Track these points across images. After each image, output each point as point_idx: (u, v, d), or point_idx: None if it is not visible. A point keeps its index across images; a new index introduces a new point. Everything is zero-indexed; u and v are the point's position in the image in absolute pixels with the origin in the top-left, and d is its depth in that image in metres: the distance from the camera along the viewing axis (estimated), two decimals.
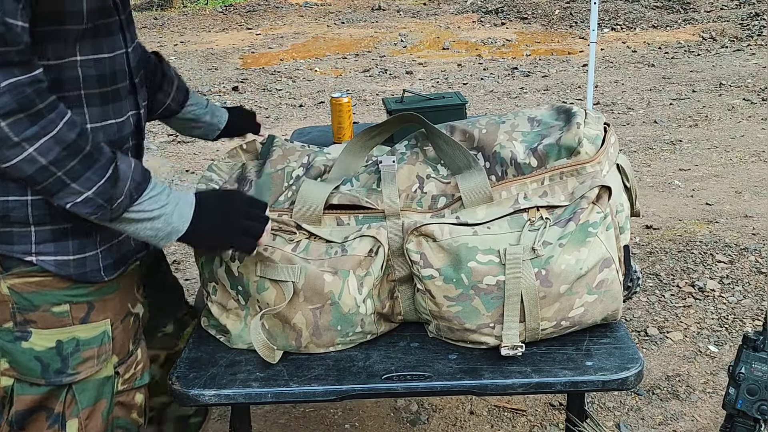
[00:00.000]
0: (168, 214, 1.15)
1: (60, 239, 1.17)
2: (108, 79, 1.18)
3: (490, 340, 1.35)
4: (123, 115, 1.23)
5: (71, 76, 1.13)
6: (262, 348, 1.34)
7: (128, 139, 1.25)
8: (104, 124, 1.18)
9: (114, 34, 1.19)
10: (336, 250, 1.34)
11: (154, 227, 1.14)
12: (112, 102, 1.20)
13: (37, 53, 1.07)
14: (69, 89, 1.13)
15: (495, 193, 1.36)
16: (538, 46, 7.90)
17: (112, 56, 1.19)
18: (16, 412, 1.22)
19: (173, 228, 1.16)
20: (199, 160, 4.71)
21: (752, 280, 2.96)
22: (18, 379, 1.21)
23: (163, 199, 1.15)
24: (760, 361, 1.43)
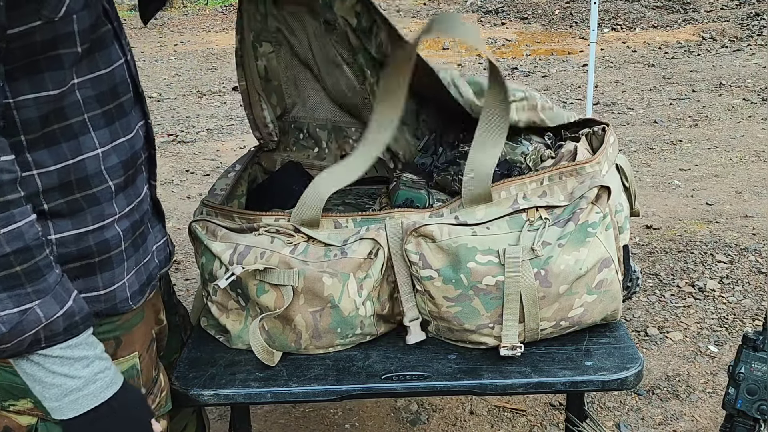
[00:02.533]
0: (69, 389, 1.01)
1: (89, 275, 1.09)
2: (109, 95, 1.08)
3: (489, 341, 1.35)
4: (132, 130, 1.13)
5: (72, 101, 1.02)
6: (261, 352, 1.34)
7: (140, 153, 1.16)
8: (115, 144, 1.08)
9: (108, 46, 1.08)
10: (335, 252, 1.33)
11: (47, 391, 1.01)
12: (118, 119, 1.10)
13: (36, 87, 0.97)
14: (73, 116, 1.02)
15: (494, 193, 1.36)
16: (538, 46, 7.90)
17: (110, 70, 1.08)
18: None
19: (57, 407, 1.02)
20: (199, 160, 4.71)
21: (752, 280, 2.96)
22: (42, 419, 1.13)
23: (77, 370, 1.01)
24: (760, 360, 1.43)
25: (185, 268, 3.23)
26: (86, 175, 1.05)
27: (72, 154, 1.03)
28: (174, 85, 6.73)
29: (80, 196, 1.05)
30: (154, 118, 5.72)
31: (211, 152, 4.84)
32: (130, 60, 1.15)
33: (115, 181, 1.09)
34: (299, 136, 1.91)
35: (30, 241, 0.94)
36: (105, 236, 1.08)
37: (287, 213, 1.39)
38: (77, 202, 1.05)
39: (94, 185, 1.06)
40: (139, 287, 1.17)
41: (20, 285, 0.94)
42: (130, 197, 1.13)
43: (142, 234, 1.18)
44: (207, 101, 6.30)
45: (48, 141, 1.00)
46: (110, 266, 1.11)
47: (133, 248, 1.15)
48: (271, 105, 1.85)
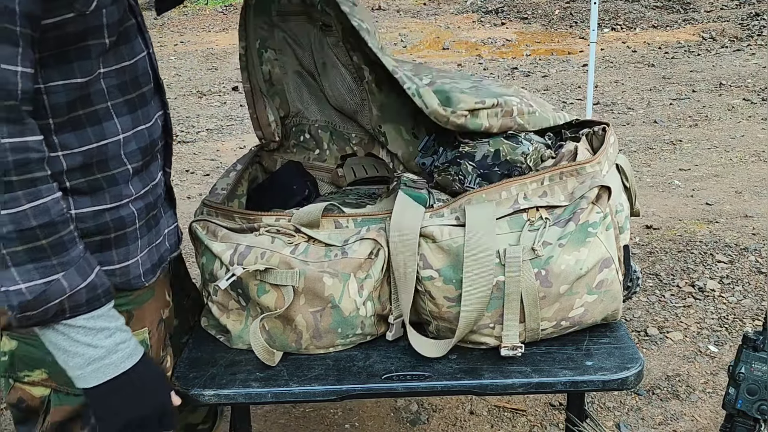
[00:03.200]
0: (91, 358, 1.06)
1: (105, 249, 1.15)
2: (131, 85, 1.15)
3: (490, 341, 1.35)
4: (151, 119, 1.20)
5: (97, 89, 1.09)
6: (262, 352, 1.34)
7: (158, 141, 1.23)
8: (135, 131, 1.15)
9: (133, 39, 1.16)
10: (336, 253, 1.33)
11: (70, 360, 1.06)
12: (140, 108, 1.17)
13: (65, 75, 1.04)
14: (98, 103, 1.09)
15: (495, 193, 1.36)
16: (538, 46, 7.90)
17: (133, 62, 1.15)
18: (51, 423, 1.19)
19: (80, 375, 1.07)
20: (199, 160, 4.71)
21: (752, 280, 2.96)
22: (55, 389, 1.17)
23: (100, 340, 1.06)
24: (760, 361, 1.44)
25: None
26: (107, 158, 1.11)
27: (96, 138, 1.09)
28: (174, 85, 6.73)
29: (100, 177, 1.11)
30: None
31: (211, 152, 4.84)
32: (151, 53, 1.22)
33: (133, 164, 1.15)
34: (300, 137, 1.91)
35: (55, 216, 0.99)
36: (121, 214, 1.15)
37: (288, 213, 1.39)
38: (97, 182, 1.11)
39: (114, 167, 1.12)
40: (151, 266, 1.23)
41: (46, 257, 0.99)
42: (146, 181, 1.20)
43: (155, 216, 1.24)
44: (207, 101, 6.30)
45: (74, 125, 1.07)
46: (125, 242, 1.16)
47: (146, 228, 1.21)
48: (275, 106, 1.86)
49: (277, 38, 1.81)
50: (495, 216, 1.31)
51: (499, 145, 1.56)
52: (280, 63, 1.83)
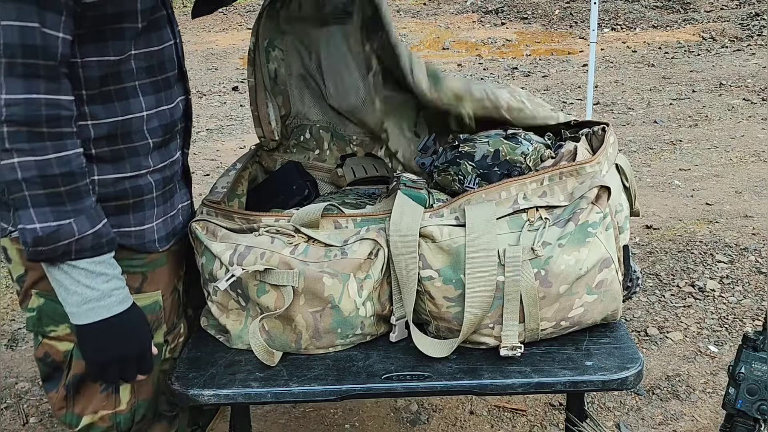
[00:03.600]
0: (87, 298, 1.17)
1: (121, 213, 1.27)
2: (157, 69, 1.27)
3: (489, 341, 1.35)
4: (173, 101, 1.33)
5: (127, 68, 1.22)
6: (261, 352, 1.34)
7: (178, 122, 1.36)
8: (158, 110, 1.28)
9: (162, 28, 1.28)
10: (335, 253, 1.33)
11: (69, 297, 1.17)
12: (164, 90, 1.29)
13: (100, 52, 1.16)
14: (127, 81, 1.22)
15: (495, 193, 1.36)
16: (538, 46, 7.90)
17: (161, 48, 1.27)
18: (73, 376, 1.32)
19: (76, 312, 1.18)
20: (199, 160, 4.70)
21: (752, 280, 2.96)
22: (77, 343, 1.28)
23: (98, 284, 1.17)
24: (760, 360, 1.43)
25: None
26: (131, 131, 1.24)
27: (122, 112, 1.23)
28: None
29: (123, 147, 1.24)
30: None
31: (211, 152, 4.84)
32: (178, 43, 1.35)
33: (153, 139, 1.29)
34: (300, 137, 1.91)
35: (75, 168, 1.12)
36: (139, 183, 1.28)
37: (287, 213, 1.39)
38: (120, 152, 1.24)
39: (136, 140, 1.26)
40: (166, 234, 1.36)
41: (62, 203, 1.12)
42: (164, 156, 1.33)
43: (171, 190, 1.37)
44: (207, 101, 6.30)
45: (104, 98, 1.20)
46: (142, 209, 1.30)
47: (162, 199, 1.34)
48: (277, 104, 1.87)
49: (286, 40, 1.84)
50: (495, 216, 1.31)
51: (498, 145, 1.56)
52: (286, 63, 1.86)
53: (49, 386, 1.35)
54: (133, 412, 1.36)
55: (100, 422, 1.34)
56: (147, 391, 1.37)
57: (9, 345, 2.66)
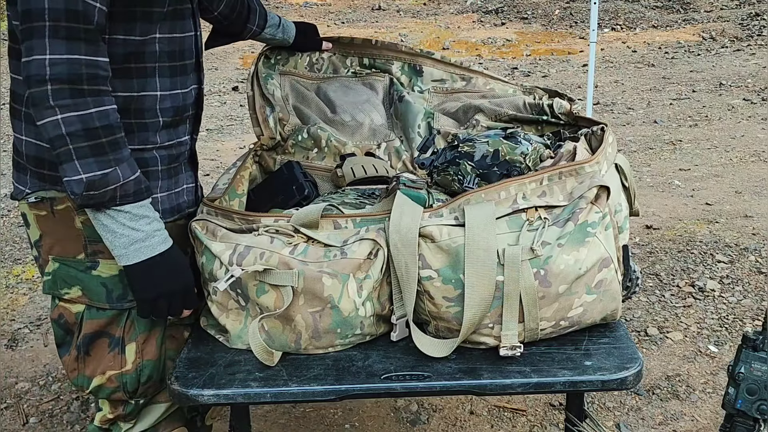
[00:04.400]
0: (134, 239, 1.27)
1: None
2: (177, 55, 1.37)
3: (489, 341, 1.35)
4: (187, 87, 1.42)
5: (151, 50, 1.31)
6: (261, 352, 1.34)
7: (189, 108, 1.45)
8: (172, 93, 1.38)
9: (186, 19, 1.38)
10: (335, 253, 1.33)
11: (117, 240, 1.27)
12: (180, 75, 1.39)
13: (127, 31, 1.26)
14: (148, 61, 1.32)
15: (494, 193, 1.36)
16: (538, 46, 7.90)
17: (183, 36, 1.38)
18: (84, 336, 1.40)
19: (124, 254, 1.28)
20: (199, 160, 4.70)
21: (752, 280, 2.96)
22: (87, 305, 1.39)
23: (141, 225, 1.27)
24: (760, 360, 1.43)
25: None
26: (143, 107, 1.33)
27: (138, 89, 1.32)
28: None
29: (133, 122, 1.32)
30: None
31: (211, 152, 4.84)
32: (198, 35, 1.45)
33: (164, 119, 1.37)
34: (298, 137, 1.91)
35: (113, 122, 1.22)
36: (145, 156, 1.35)
37: (287, 213, 1.39)
38: (130, 126, 1.31)
39: (148, 117, 1.35)
40: (170, 208, 1.44)
41: (104, 153, 1.21)
42: (172, 136, 1.41)
43: (176, 169, 1.45)
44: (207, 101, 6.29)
45: (124, 73, 1.29)
46: (147, 179, 1.32)
47: (167, 174, 1.42)
48: (274, 109, 1.88)
49: (282, 81, 1.95)
50: (494, 216, 1.31)
51: (498, 146, 1.56)
52: (283, 93, 1.94)
53: (62, 351, 1.45)
54: (138, 372, 1.43)
55: (108, 383, 1.42)
56: (151, 353, 1.43)
57: (9, 345, 2.66)
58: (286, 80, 1.96)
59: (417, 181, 1.53)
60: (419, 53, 1.99)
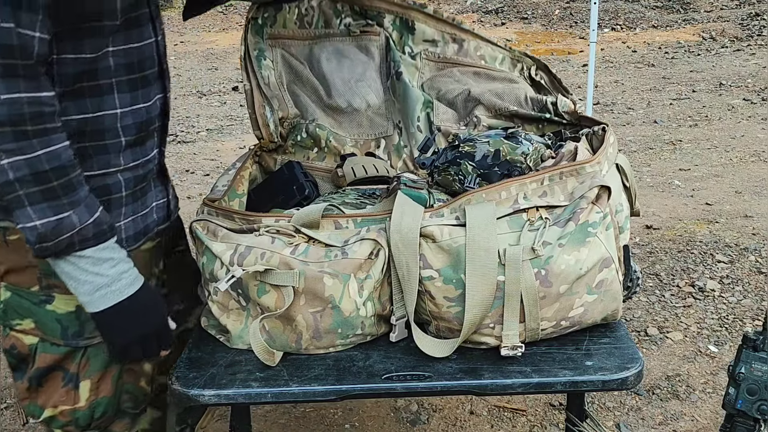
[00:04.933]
0: (98, 285, 1.19)
1: None
2: (136, 66, 1.26)
3: (490, 341, 1.35)
4: (151, 99, 1.31)
5: (105, 66, 1.21)
6: (262, 352, 1.34)
7: (155, 120, 1.34)
8: (133, 108, 1.27)
9: (143, 25, 1.27)
10: (336, 253, 1.33)
11: (80, 287, 1.19)
12: (141, 88, 1.28)
13: (77, 49, 1.15)
14: (103, 78, 1.21)
15: (495, 193, 1.36)
16: (538, 46, 7.90)
17: (141, 46, 1.26)
18: (36, 369, 1.33)
19: (89, 300, 1.21)
20: (198, 160, 4.70)
21: (752, 280, 2.96)
22: (41, 338, 1.31)
23: (105, 270, 1.19)
24: (760, 361, 1.43)
25: None
26: (102, 128, 1.23)
27: (94, 109, 1.21)
28: (174, 85, 6.74)
29: (89, 145, 1.22)
30: None
31: (211, 152, 4.84)
32: (159, 41, 1.33)
33: (126, 138, 1.27)
34: (297, 137, 1.91)
35: (65, 161, 1.12)
36: (107, 182, 1.26)
37: (288, 214, 1.39)
38: (86, 150, 1.22)
39: (108, 138, 1.24)
40: (134, 234, 1.34)
41: (57, 197, 1.12)
42: (138, 155, 1.31)
43: (144, 189, 1.35)
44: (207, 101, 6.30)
45: (76, 95, 1.19)
46: (108, 209, 1.26)
47: (132, 198, 1.32)
48: (274, 108, 1.87)
49: (273, 53, 1.88)
50: (495, 216, 1.31)
51: (499, 145, 1.56)
52: (276, 72, 1.88)
53: (17, 376, 1.37)
54: (92, 409, 1.36)
55: (60, 416, 1.36)
56: (107, 390, 1.37)
57: None
58: (277, 53, 1.89)
59: (418, 181, 1.53)
60: (411, 6, 1.91)
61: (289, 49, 1.90)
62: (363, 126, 1.93)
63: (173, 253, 1.56)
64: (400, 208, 1.34)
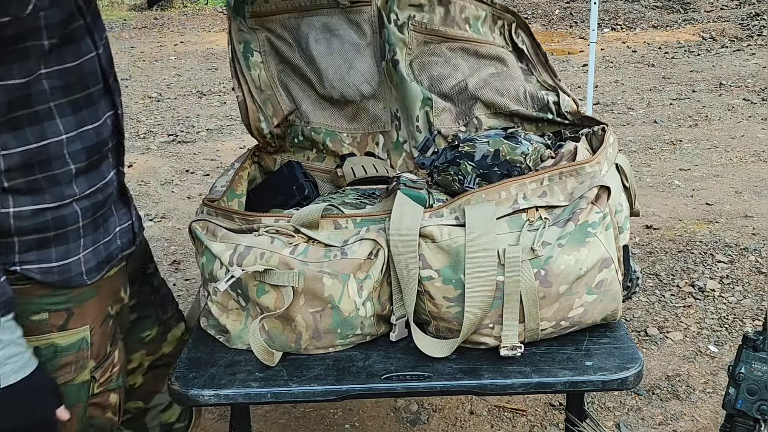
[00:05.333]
0: None
1: (43, 247, 1.17)
2: (76, 86, 1.15)
3: (489, 341, 1.35)
4: (99, 119, 1.21)
5: (39, 90, 1.09)
6: (261, 352, 1.34)
7: (108, 140, 1.24)
8: (80, 131, 1.16)
9: (79, 40, 1.15)
10: (335, 253, 1.33)
11: None
12: (86, 108, 1.17)
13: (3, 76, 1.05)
14: (38, 104, 1.10)
15: (494, 193, 1.36)
16: None
17: (79, 63, 1.15)
18: None
19: None
20: (198, 160, 4.70)
21: (752, 280, 2.96)
22: None
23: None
24: (760, 361, 1.43)
25: (185, 268, 3.22)
26: (49, 158, 1.12)
27: (35, 138, 1.10)
28: (174, 85, 6.73)
29: (41, 177, 1.13)
30: (154, 118, 5.73)
31: (211, 152, 4.84)
32: (101, 53, 1.21)
33: (76, 165, 1.16)
34: (295, 140, 1.91)
35: None
36: (62, 213, 1.16)
37: (287, 214, 1.39)
38: (37, 182, 1.13)
39: (56, 167, 1.14)
40: (96, 264, 1.24)
41: None
42: (94, 180, 1.21)
43: (104, 215, 1.26)
44: (207, 101, 6.29)
45: (13, 125, 1.08)
46: (65, 241, 1.18)
47: (92, 227, 1.23)
48: (267, 115, 1.85)
49: (259, 39, 1.83)
50: (495, 216, 1.31)
51: (498, 145, 1.56)
52: (265, 65, 1.84)
53: None
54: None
55: None
56: (72, 428, 1.28)
57: None
58: (263, 38, 1.82)
59: (417, 181, 1.53)
60: None
61: (275, 29, 1.83)
62: (359, 119, 1.89)
63: (142, 275, 1.51)
64: (399, 208, 1.34)
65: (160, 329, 1.54)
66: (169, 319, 1.57)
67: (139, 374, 1.52)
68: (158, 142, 5.10)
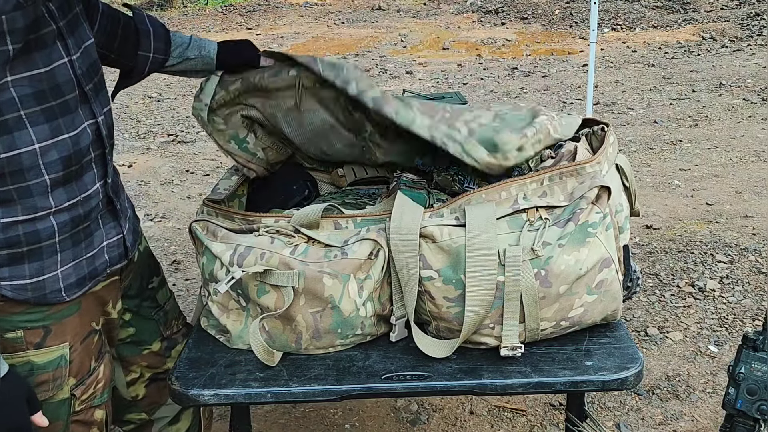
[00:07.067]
0: None
1: (15, 263, 1.13)
2: (49, 94, 1.10)
3: (489, 341, 1.35)
4: (77, 128, 1.15)
5: (6, 98, 1.04)
6: (261, 352, 1.34)
7: (88, 150, 1.18)
8: (56, 140, 1.11)
9: (50, 45, 1.10)
10: (335, 253, 1.33)
11: None
12: (61, 116, 1.12)
13: None
14: (8, 112, 1.05)
15: (495, 193, 1.36)
16: (538, 46, 7.90)
17: (50, 69, 1.10)
18: None
19: None
20: (198, 160, 4.70)
21: (752, 280, 2.96)
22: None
23: None
24: (760, 361, 1.43)
25: (185, 268, 3.22)
26: (21, 168, 1.08)
27: (5, 148, 1.06)
28: (174, 85, 6.73)
29: (12, 188, 1.08)
30: (154, 118, 5.72)
31: (211, 152, 4.84)
32: (75, 59, 1.15)
33: (52, 175, 1.11)
34: None
35: None
36: (36, 227, 1.12)
37: (287, 214, 1.39)
38: (8, 193, 1.08)
39: (29, 178, 1.09)
40: (77, 280, 1.20)
41: None
42: (73, 192, 1.16)
43: (87, 229, 1.21)
44: None
45: None
46: (39, 257, 1.14)
47: (71, 241, 1.18)
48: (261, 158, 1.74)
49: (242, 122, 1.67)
50: (495, 216, 1.31)
51: None
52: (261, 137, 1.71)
53: None
54: None
55: None
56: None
57: None
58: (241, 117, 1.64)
59: (417, 181, 1.53)
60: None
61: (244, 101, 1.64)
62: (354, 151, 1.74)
63: (145, 289, 1.48)
64: (399, 209, 1.34)
65: (163, 345, 1.52)
66: (174, 335, 1.55)
67: (141, 385, 1.51)
68: (158, 142, 5.10)
